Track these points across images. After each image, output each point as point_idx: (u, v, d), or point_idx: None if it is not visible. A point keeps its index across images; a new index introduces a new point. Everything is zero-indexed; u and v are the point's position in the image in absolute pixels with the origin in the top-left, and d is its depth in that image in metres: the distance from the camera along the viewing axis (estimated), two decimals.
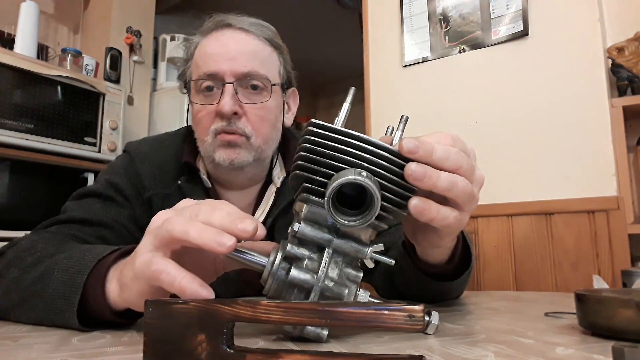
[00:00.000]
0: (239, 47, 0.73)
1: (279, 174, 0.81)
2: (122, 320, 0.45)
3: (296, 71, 0.83)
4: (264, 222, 0.77)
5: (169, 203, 0.76)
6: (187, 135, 0.83)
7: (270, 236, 0.76)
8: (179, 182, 0.77)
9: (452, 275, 0.59)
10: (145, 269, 0.38)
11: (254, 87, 0.73)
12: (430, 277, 0.59)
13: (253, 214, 0.79)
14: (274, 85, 0.75)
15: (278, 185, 0.79)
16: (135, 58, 2.66)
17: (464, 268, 0.60)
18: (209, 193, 0.78)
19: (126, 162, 0.79)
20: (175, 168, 0.78)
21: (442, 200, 0.41)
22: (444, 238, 0.48)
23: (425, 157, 0.38)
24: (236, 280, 0.74)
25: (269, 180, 0.81)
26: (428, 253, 0.56)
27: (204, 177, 0.78)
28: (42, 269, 0.49)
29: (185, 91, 0.81)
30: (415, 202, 0.39)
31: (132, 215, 0.74)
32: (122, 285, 0.42)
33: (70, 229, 0.67)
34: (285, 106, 0.81)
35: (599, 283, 1.16)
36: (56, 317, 0.45)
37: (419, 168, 0.38)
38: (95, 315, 0.44)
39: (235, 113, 0.71)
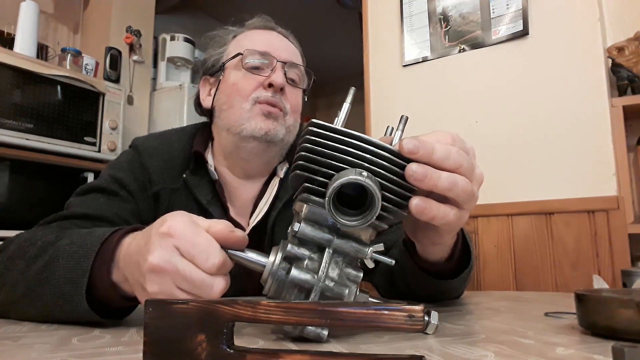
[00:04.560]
0: (285, 44, 0.82)
1: (281, 166, 0.82)
2: (129, 302, 0.46)
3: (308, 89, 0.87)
4: (267, 214, 0.77)
5: (175, 198, 0.77)
6: (194, 132, 0.83)
7: (271, 231, 0.76)
8: (184, 175, 0.77)
9: (452, 274, 0.59)
10: None
11: (293, 79, 0.80)
12: (430, 275, 0.59)
13: (256, 206, 0.79)
14: (304, 82, 0.83)
15: (281, 176, 0.80)
16: (135, 58, 2.66)
17: (464, 266, 0.60)
18: (215, 186, 0.78)
19: (131, 157, 0.79)
20: (182, 163, 0.79)
21: (442, 198, 0.41)
22: (443, 236, 0.48)
23: (425, 157, 0.39)
24: (238, 274, 0.74)
25: (273, 174, 0.81)
26: (428, 251, 0.56)
27: (211, 169, 0.78)
28: (47, 258, 0.49)
29: (202, 75, 0.85)
30: (416, 202, 0.39)
31: (135, 210, 0.75)
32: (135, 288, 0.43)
33: (71, 224, 0.67)
34: None
35: (599, 283, 1.16)
36: (65, 303, 0.46)
37: (420, 169, 0.38)
38: (102, 300, 0.45)
39: (282, 89, 0.75)
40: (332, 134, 0.39)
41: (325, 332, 0.38)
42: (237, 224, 0.77)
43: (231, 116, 0.75)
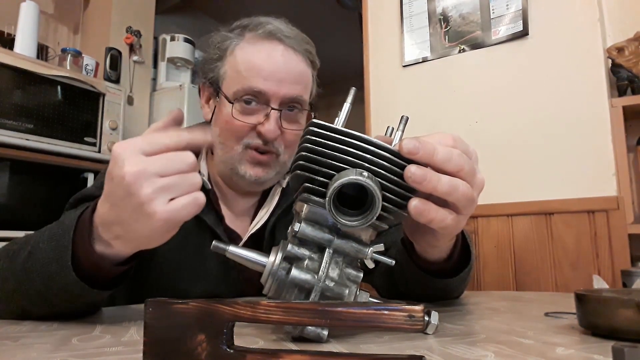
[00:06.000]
0: (288, 68, 0.71)
1: (285, 175, 0.81)
2: (118, 268, 0.48)
3: (320, 89, 0.83)
4: (267, 221, 0.77)
5: None
6: None
7: (271, 236, 0.76)
8: None
9: (452, 273, 0.59)
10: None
11: (292, 108, 0.73)
12: (429, 274, 0.59)
13: (255, 214, 0.79)
14: (310, 109, 0.76)
15: (284, 186, 0.80)
16: (135, 58, 2.66)
17: (464, 266, 0.60)
18: (209, 195, 0.77)
19: None
20: None
21: (441, 201, 0.40)
22: (440, 239, 0.48)
23: (426, 158, 0.38)
24: (237, 279, 0.74)
25: None
26: (427, 251, 0.56)
27: (204, 179, 0.77)
28: (29, 248, 0.50)
29: (203, 82, 0.79)
30: (415, 204, 0.39)
31: None
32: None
33: None
34: None
35: (599, 283, 1.16)
36: (54, 282, 0.47)
37: (419, 171, 0.38)
38: (90, 271, 0.46)
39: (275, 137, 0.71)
40: (332, 134, 0.39)
41: (325, 332, 0.38)
42: (233, 233, 0.76)
43: (224, 153, 0.74)
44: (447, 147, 0.40)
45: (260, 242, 0.76)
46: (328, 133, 0.39)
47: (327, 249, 0.40)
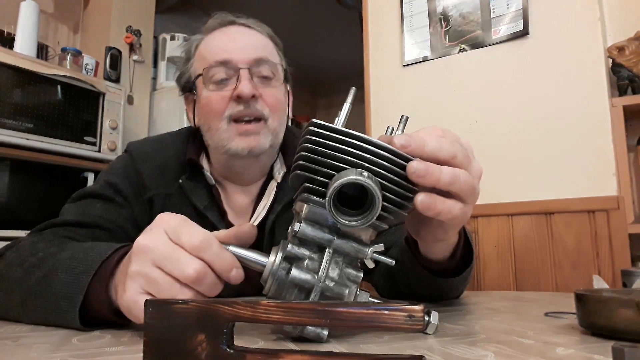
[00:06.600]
0: (246, 39, 0.75)
1: (279, 170, 0.81)
2: (123, 319, 0.45)
3: (292, 68, 0.84)
4: (265, 218, 0.77)
5: (170, 203, 0.76)
6: (188, 136, 0.83)
7: (270, 233, 0.76)
8: (180, 180, 0.77)
9: (454, 272, 0.59)
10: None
11: (265, 76, 0.75)
12: (432, 273, 0.59)
13: (254, 210, 0.79)
14: (280, 73, 0.77)
15: (279, 181, 0.80)
16: (135, 57, 2.65)
17: (465, 265, 0.60)
18: (212, 191, 0.78)
19: (125, 163, 0.79)
20: (176, 168, 0.78)
21: (444, 194, 0.41)
22: (448, 231, 0.48)
23: (418, 151, 0.39)
24: None
25: (269, 177, 0.81)
26: (431, 249, 0.56)
27: (208, 174, 0.78)
28: (46, 270, 0.49)
29: (182, 93, 0.82)
30: (421, 198, 0.39)
31: (130, 216, 0.74)
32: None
33: (65, 231, 0.67)
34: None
35: (599, 283, 1.16)
36: (58, 317, 0.46)
37: (421, 165, 0.38)
38: (96, 316, 0.45)
39: (254, 96, 0.71)
40: (332, 134, 0.39)
41: (325, 332, 0.38)
42: None
43: (213, 137, 0.74)
44: (437, 137, 0.41)
45: (260, 240, 0.76)
46: (328, 133, 0.39)
47: (327, 249, 0.40)
